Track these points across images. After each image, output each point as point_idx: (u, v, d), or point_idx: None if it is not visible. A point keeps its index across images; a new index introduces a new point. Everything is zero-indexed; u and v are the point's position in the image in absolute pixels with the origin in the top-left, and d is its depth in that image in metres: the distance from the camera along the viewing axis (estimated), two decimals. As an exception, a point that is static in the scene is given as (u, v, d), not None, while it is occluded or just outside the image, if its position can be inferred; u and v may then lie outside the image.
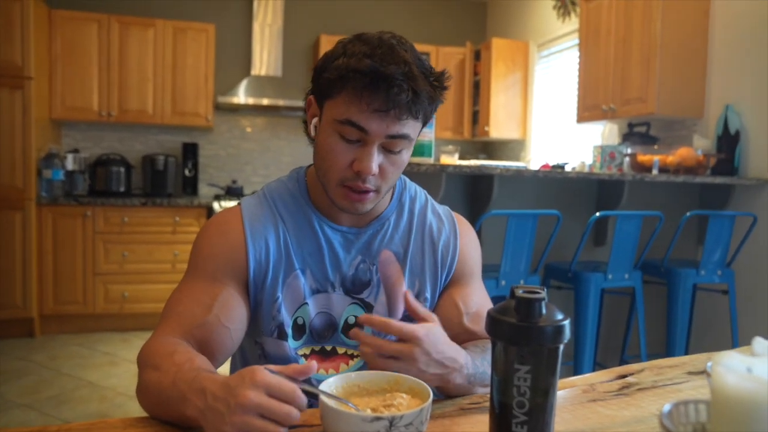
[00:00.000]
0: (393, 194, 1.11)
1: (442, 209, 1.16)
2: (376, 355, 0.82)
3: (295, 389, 0.67)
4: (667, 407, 0.50)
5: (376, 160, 0.93)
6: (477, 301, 1.09)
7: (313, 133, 1.01)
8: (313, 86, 0.99)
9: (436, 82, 0.95)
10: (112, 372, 3.42)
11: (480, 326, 1.05)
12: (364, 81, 0.88)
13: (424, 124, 0.99)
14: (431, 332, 0.83)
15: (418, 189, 1.16)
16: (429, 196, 1.17)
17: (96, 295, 4.13)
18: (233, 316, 0.95)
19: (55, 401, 3.02)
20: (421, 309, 0.89)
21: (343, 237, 1.05)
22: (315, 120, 0.99)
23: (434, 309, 1.10)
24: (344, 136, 0.93)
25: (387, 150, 0.95)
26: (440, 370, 0.84)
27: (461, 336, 1.04)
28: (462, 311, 1.06)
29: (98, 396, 3.09)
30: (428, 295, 1.09)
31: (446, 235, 1.12)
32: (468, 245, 1.14)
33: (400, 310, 1.05)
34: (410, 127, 0.94)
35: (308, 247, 1.03)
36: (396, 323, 0.83)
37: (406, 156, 0.98)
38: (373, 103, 0.89)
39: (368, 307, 1.05)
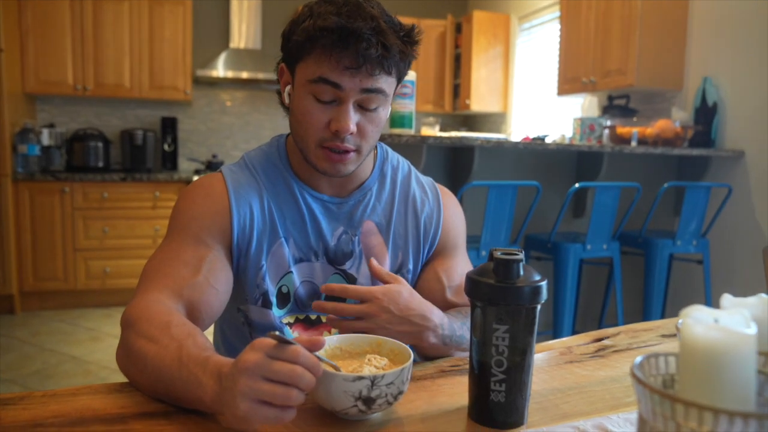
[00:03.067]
0: (374, 163, 1.09)
1: (426, 180, 1.15)
2: (338, 319, 0.86)
3: (297, 349, 0.62)
4: (638, 359, 0.52)
5: (353, 118, 0.92)
6: (460, 273, 1.09)
7: (287, 100, 0.99)
8: (283, 53, 0.98)
9: (407, 37, 0.93)
10: (96, 347, 3.42)
11: (463, 299, 1.06)
12: (333, 38, 0.87)
13: (399, 80, 0.97)
14: (390, 291, 0.86)
15: (401, 159, 1.15)
16: (412, 167, 1.16)
17: (77, 271, 4.09)
18: (220, 278, 0.94)
19: (39, 376, 3.01)
20: (385, 273, 0.92)
21: (324, 207, 1.04)
22: (288, 87, 0.98)
23: (417, 281, 1.11)
24: (318, 97, 0.92)
25: (363, 108, 0.94)
26: (408, 328, 0.87)
27: (444, 309, 1.04)
28: (445, 285, 1.06)
29: (82, 371, 3.09)
30: (411, 266, 1.09)
31: (429, 207, 1.11)
32: (452, 218, 1.13)
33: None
34: (384, 83, 0.92)
35: (290, 215, 1.02)
36: (352, 286, 0.86)
37: (383, 113, 0.97)
38: (343, 60, 0.88)
39: (351, 279, 1.05)
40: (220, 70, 4.53)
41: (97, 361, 3.20)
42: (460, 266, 1.11)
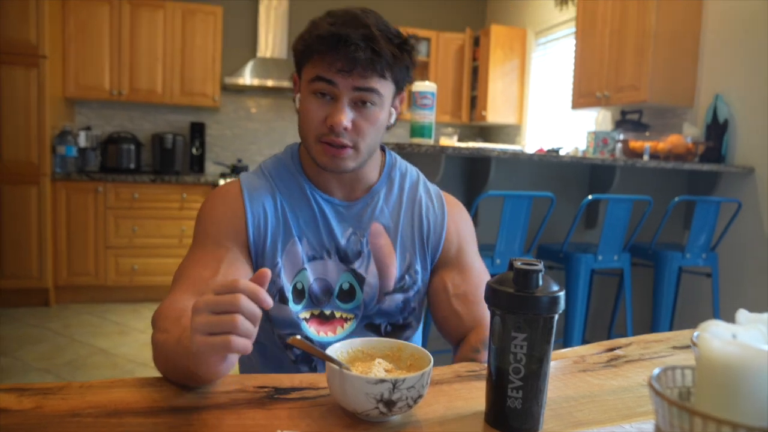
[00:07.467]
0: (382, 170, 1.15)
1: (433, 188, 1.19)
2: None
3: (235, 280, 0.67)
4: (656, 371, 0.53)
5: (347, 113, 0.99)
6: (465, 281, 1.12)
7: (297, 106, 1.08)
8: (294, 63, 1.08)
9: (401, 44, 1.01)
10: (123, 341, 3.55)
11: (465, 307, 1.09)
12: (327, 44, 0.96)
13: (399, 87, 1.06)
14: None
15: (410, 166, 1.20)
16: (421, 174, 1.20)
17: (107, 268, 4.25)
18: (238, 276, 0.99)
19: (71, 366, 3.14)
20: None
21: (334, 209, 1.10)
22: (298, 94, 1.07)
23: (427, 288, 1.16)
24: (316, 93, 1.00)
25: (357, 106, 1.01)
26: None
27: (450, 318, 1.11)
28: (450, 293, 1.10)
29: (110, 363, 3.21)
30: (419, 267, 1.13)
31: (434, 215, 1.15)
32: (456, 225, 1.16)
33: (392, 281, 1.13)
34: (378, 83, 1.00)
35: (303, 215, 1.09)
36: None
37: (379, 113, 1.03)
38: (335, 63, 0.97)
39: (359, 278, 1.10)
40: (247, 77, 4.68)
41: (124, 354, 3.33)
42: (464, 274, 1.14)
